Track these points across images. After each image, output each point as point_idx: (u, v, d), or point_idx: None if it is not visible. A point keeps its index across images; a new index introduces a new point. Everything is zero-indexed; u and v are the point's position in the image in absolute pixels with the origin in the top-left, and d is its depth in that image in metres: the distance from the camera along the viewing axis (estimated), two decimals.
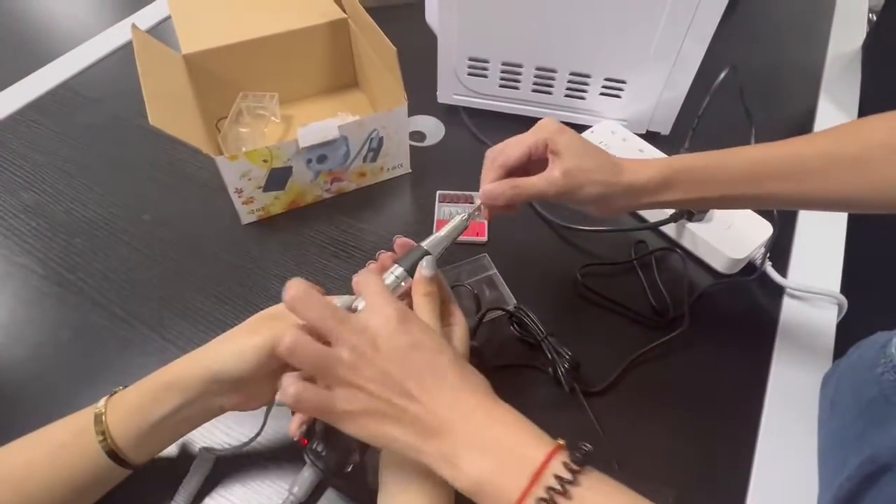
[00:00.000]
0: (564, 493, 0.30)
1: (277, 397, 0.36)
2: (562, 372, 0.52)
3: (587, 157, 0.45)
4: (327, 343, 0.35)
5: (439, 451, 0.33)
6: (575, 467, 0.31)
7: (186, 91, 0.69)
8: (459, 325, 0.42)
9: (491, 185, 0.46)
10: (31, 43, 0.98)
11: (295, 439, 0.42)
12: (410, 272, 0.42)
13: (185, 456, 0.48)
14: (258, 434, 0.46)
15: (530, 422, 0.34)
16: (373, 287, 0.37)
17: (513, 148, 0.46)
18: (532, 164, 0.47)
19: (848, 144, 0.43)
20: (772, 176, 0.44)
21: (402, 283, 0.41)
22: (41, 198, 0.69)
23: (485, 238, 0.65)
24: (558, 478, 0.30)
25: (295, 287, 0.36)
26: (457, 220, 0.45)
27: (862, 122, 0.44)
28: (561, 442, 0.33)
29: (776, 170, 0.44)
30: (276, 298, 0.40)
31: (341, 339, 0.34)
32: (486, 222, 0.66)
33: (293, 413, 0.47)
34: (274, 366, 0.40)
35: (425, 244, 0.43)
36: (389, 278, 0.41)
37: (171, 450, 0.48)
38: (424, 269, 0.41)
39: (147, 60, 0.59)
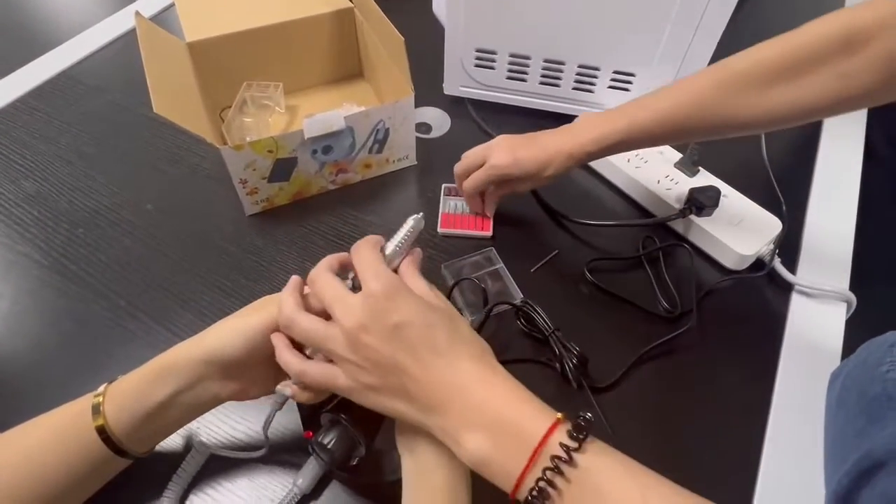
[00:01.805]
0: (562, 474, 0.31)
1: (284, 369, 0.38)
2: (570, 367, 0.51)
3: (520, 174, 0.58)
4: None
5: (441, 426, 0.35)
6: (573, 444, 0.31)
7: (190, 80, 0.68)
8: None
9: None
10: (33, 30, 0.97)
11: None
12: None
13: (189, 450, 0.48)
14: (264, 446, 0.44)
15: (529, 393, 0.35)
16: (364, 261, 0.37)
17: (472, 181, 0.61)
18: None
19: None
20: (678, 130, 0.53)
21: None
22: (43, 187, 0.68)
23: (489, 233, 0.64)
24: (555, 457, 0.31)
25: (318, 269, 0.39)
26: (410, 222, 0.41)
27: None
28: (560, 416, 0.33)
29: (679, 125, 0.52)
30: (281, 289, 0.40)
31: (336, 317, 0.36)
32: (491, 218, 0.65)
33: (300, 410, 0.46)
34: (269, 350, 0.39)
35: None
36: (389, 248, 0.40)
37: (177, 443, 0.48)
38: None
39: (151, 48, 0.58)
